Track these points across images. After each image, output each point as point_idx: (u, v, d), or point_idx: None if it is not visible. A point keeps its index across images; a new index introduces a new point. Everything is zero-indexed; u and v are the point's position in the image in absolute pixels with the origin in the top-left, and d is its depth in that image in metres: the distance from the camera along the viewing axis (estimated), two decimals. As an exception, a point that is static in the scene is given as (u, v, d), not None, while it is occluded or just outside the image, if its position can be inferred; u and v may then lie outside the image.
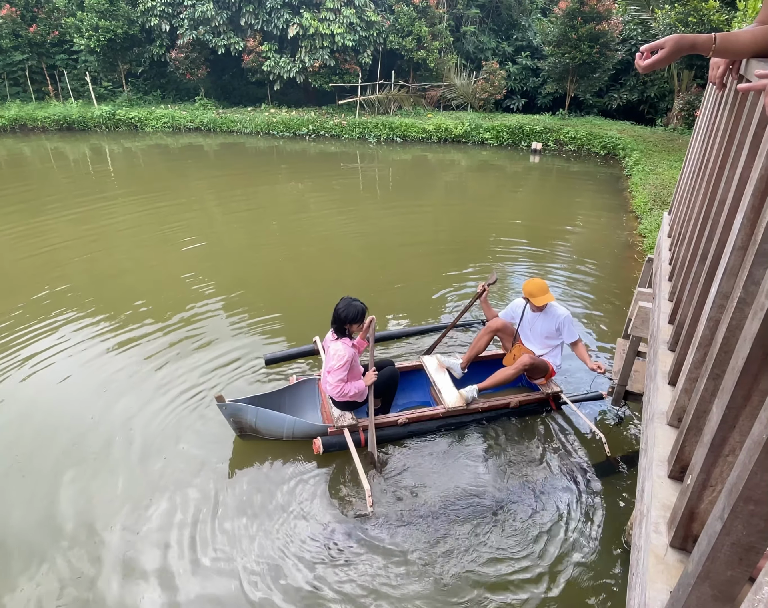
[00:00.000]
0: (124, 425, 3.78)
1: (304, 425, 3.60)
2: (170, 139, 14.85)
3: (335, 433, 3.60)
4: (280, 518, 3.13)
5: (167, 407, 3.98)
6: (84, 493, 3.23)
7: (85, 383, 4.25)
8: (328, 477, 3.44)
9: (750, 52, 1.45)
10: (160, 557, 2.86)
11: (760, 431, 0.77)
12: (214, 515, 3.13)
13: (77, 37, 15.23)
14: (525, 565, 2.89)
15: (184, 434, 3.73)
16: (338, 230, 8.16)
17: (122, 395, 4.09)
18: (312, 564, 2.86)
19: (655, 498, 1.34)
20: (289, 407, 3.92)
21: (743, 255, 1.25)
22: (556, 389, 4.07)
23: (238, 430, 3.62)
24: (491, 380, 3.94)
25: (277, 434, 3.64)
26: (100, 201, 9.26)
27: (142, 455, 3.54)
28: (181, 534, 3.00)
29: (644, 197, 8.93)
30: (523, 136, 14.66)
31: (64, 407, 3.97)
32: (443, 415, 3.85)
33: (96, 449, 3.57)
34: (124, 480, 3.35)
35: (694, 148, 3.35)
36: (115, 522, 3.04)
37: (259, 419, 3.53)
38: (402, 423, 3.73)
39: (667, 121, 14.85)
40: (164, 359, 4.56)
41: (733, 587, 0.89)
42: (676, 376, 1.79)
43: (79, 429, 3.74)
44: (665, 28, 12.64)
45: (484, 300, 4.36)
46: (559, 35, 14.29)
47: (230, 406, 3.44)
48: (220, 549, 2.92)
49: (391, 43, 15.53)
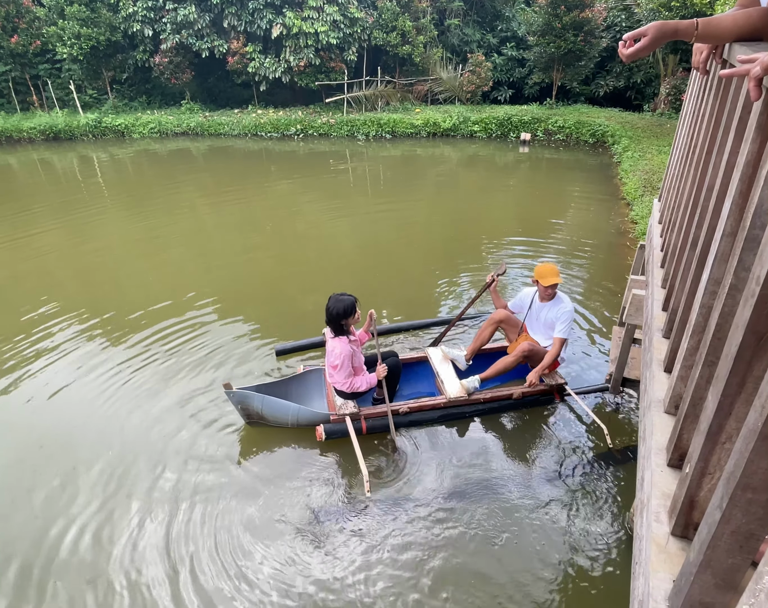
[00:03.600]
0: (136, 435, 3.78)
1: (307, 413, 3.72)
2: (158, 144, 14.76)
3: (337, 421, 3.71)
4: (281, 499, 3.27)
5: (174, 413, 3.98)
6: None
7: (78, 394, 4.23)
8: (329, 461, 3.56)
9: (732, 36, 1.44)
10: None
11: (755, 418, 0.77)
12: (220, 497, 3.26)
13: (59, 46, 15.09)
14: (527, 554, 2.90)
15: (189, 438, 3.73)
16: (330, 228, 8.14)
17: (124, 406, 4.08)
18: (306, 542, 2.98)
19: (655, 487, 1.35)
20: (296, 396, 4.04)
21: (733, 241, 1.25)
22: (561, 380, 4.06)
23: (246, 417, 3.78)
24: (492, 370, 3.97)
25: (282, 422, 3.77)
26: (89, 210, 9.18)
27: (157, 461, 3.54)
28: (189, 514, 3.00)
29: (634, 183, 8.95)
30: (511, 127, 14.65)
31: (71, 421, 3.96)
32: (444, 405, 3.90)
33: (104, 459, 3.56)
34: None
35: (682, 133, 3.36)
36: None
37: (265, 406, 3.68)
38: (403, 412, 3.82)
39: (654, 107, 14.89)
40: (162, 366, 4.54)
41: (735, 574, 0.89)
42: (671, 363, 1.79)
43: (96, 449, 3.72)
44: (649, 13, 12.66)
45: (493, 290, 4.35)
46: (543, 25, 14.28)
47: (237, 394, 3.60)
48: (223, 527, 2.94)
49: (375, 39, 15.48)
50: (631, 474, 3.45)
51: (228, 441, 3.74)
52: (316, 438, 3.64)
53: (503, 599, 2.69)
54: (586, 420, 3.93)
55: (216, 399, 4.13)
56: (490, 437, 3.79)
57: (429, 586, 2.75)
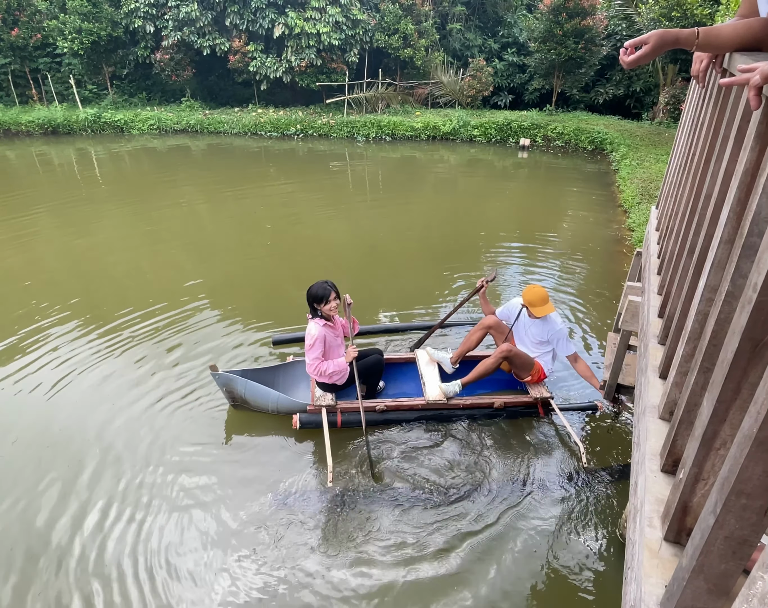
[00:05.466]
0: (123, 429, 3.76)
1: (286, 401, 3.84)
2: (157, 141, 14.72)
3: (314, 411, 3.81)
4: (246, 476, 3.43)
5: (161, 405, 3.97)
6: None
7: (76, 392, 4.21)
8: (303, 450, 3.68)
9: (732, 45, 1.45)
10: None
11: (750, 424, 0.77)
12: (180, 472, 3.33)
13: (60, 40, 15.04)
14: (515, 561, 2.89)
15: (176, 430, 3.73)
16: (328, 228, 8.14)
17: (118, 401, 4.06)
18: (261, 519, 3.12)
19: (648, 492, 1.35)
20: (282, 384, 4.17)
21: (730, 248, 1.26)
22: (546, 394, 4.00)
23: (231, 400, 3.94)
24: (474, 373, 3.96)
25: (263, 407, 3.91)
26: (87, 205, 9.15)
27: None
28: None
29: (632, 191, 8.99)
30: (511, 132, 14.70)
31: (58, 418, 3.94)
32: (422, 407, 3.91)
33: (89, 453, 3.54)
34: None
35: (680, 142, 3.37)
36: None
37: (247, 391, 3.82)
38: (380, 410, 3.85)
39: (653, 116, 14.96)
40: (159, 361, 4.53)
41: (728, 580, 0.89)
42: (666, 370, 1.80)
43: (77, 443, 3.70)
44: (649, 22, 12.73)
45: (482, 295, 4.37)
46: (544, 31, 14.34)
47: (222, 376, 3.75)
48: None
49: (377, 41, 15.50)
50: (622, 481, 3.45)
51: (211, 423, 3.90)
52: (292, 426, 3.76)
53: (487, 606, 2.66)
54: (575, 432, 3.82)
55: (203, 385, 4.26)
56: (469, 441, 3.76)
57: (399, 591, 2.72)
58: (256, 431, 3.84)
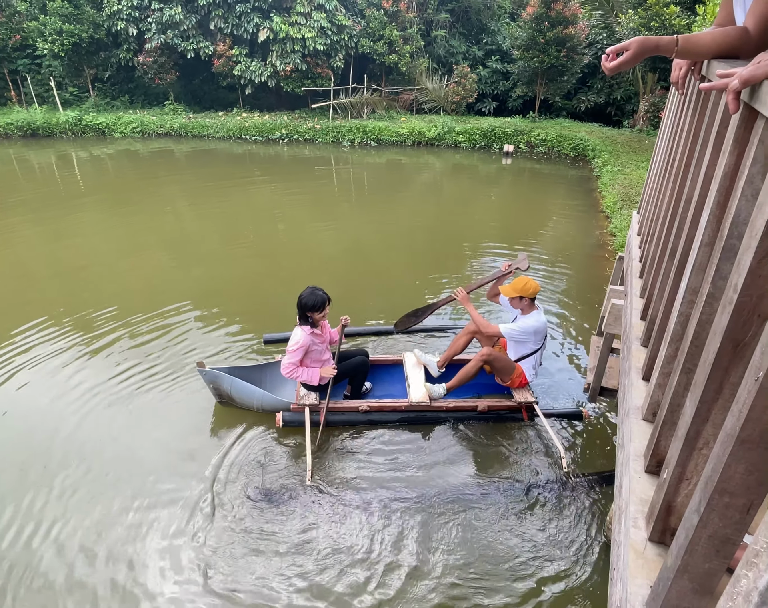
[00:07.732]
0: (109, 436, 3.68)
1: (271, 399, 3.89)
2: (140, 144, 14.54)
3: (297, 410, 3.84)
4: (229, 473, 3.47)
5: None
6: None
7: (47, 395, 4.11)
8: (282, 447, 3.71)
9: (711, 53, 1.49)
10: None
11: (732, 423, 0.78)
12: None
13: (40, 41, 14.79)
14: (499, 563, 2.89)
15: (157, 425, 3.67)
16: (313, 233, 8.10)
17: (98, 407, 3.98)
18: (241, 516, 3.16)
19: (632, 493, 1.36)
20: (269, 382, 4.21)
21: (710, 251, 1.27)
22: (531, 399, 3.99)
23: (218, 396, 3.97)
24: (456, 379, 3.98)
25: (249, 405, 3.94)
26: (67, 209, 8.98)
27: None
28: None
29: (613, 196, 9.13)
30: (495, 138, 14.84)
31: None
32: (405, 408, 3.92)
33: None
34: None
35: (660, 148, 3.44)
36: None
37: (233, 388, 3.85)
38: (363, 411, 3.87)
39: (633, 123, 15.25)
40: (138, 366, 4.45)
41: (712, 579, 0.90)
42: (649, 371, 1.82)
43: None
44: (629, 32, 12.98)
45: (500, 282, 4.18)
46: (527, 39, 14.55)
47: (209, 373, 3.79)
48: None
49: (362, 47, 15.56)
50: (607, 484, 3.48)
51: (197, 420, 3.92)
52: (275, 424, 3.80)
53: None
54: (557, 437, 3.77)
55: (189, 382, 4.30)
56: (454, 444, 3.77)
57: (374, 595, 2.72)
58: (242, 428, 3.85)
